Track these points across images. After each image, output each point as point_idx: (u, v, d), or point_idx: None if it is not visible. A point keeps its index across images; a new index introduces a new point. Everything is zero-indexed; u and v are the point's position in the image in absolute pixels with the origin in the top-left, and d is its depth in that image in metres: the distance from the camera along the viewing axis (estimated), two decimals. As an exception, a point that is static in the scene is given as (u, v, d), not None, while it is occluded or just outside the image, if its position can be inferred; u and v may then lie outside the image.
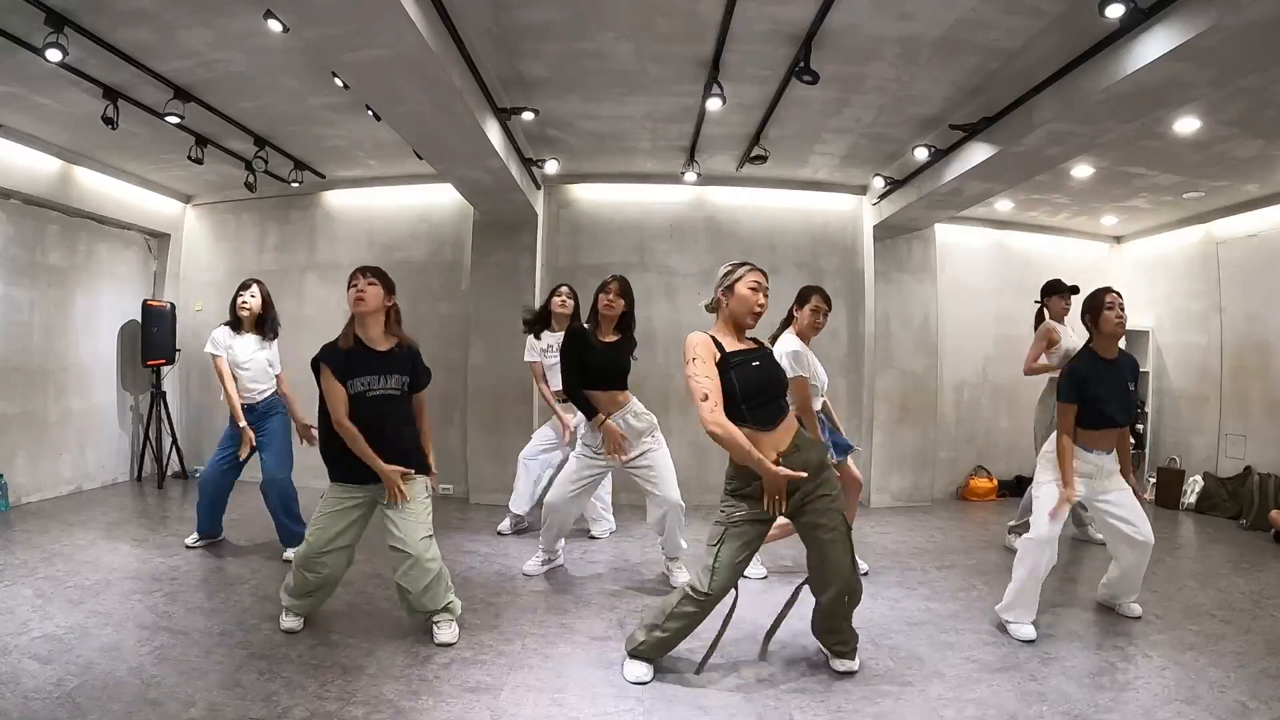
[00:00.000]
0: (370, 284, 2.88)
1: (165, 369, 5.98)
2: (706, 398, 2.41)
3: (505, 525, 4.64)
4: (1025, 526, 4.18)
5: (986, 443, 6.37)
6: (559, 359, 3.71)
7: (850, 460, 3.71)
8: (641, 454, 3.56)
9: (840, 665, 2.69)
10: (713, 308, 2.67)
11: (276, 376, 4.05)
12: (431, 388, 3.13)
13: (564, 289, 4.45)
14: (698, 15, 3.25)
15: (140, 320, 5.86)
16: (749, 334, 2.65)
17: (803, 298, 3.60)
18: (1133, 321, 6.33)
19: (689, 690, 2.51)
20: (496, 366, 5.52)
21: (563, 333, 3.80)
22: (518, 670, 2.62)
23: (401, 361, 2.95)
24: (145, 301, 5.93)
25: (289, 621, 2.95)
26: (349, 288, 2.89)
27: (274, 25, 3.07)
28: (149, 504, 5.18)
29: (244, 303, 3.95)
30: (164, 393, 5.94)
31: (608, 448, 3.54)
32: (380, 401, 2.87)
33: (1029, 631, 2.96)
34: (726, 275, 2.62)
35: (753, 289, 2.57)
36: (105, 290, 5.75)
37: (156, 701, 2.27)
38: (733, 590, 2.61)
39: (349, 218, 6.11)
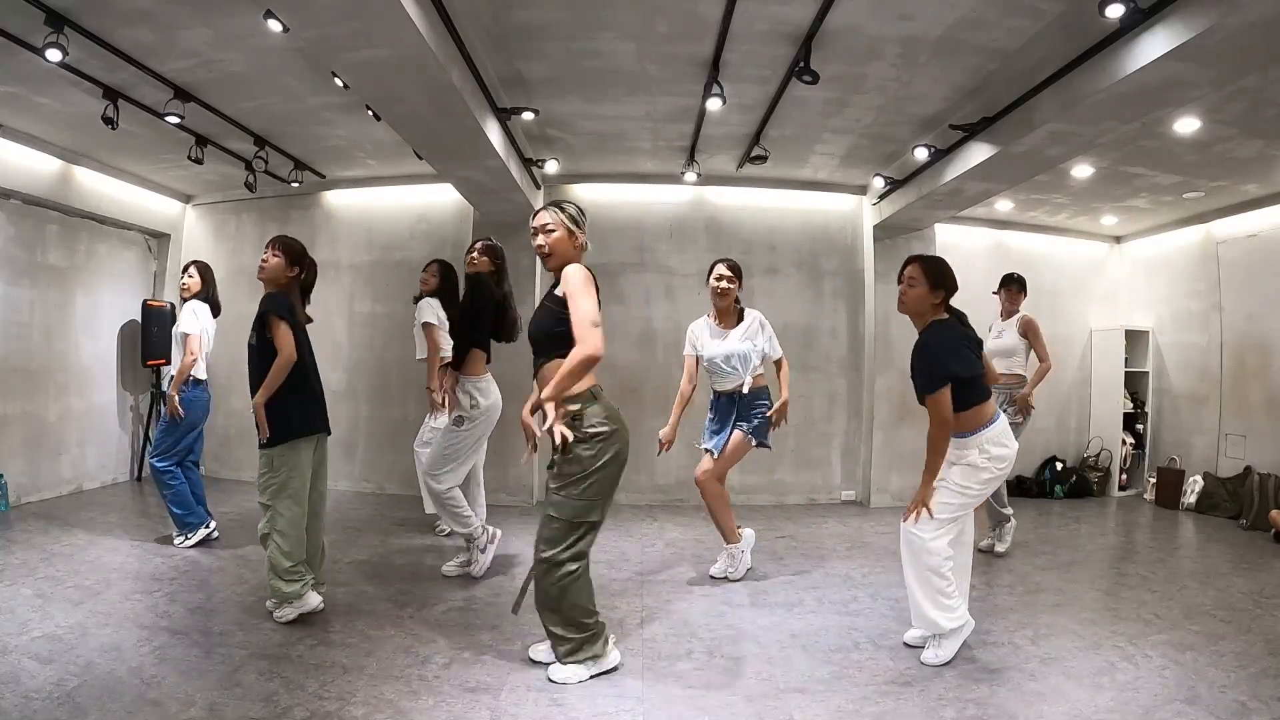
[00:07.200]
0: (274, 255, 3.06)
1: (165, 369, 5.97)
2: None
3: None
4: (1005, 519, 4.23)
5: (986, 443, 6.36)
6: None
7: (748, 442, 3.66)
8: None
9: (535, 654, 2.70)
10: None
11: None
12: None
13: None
14: (698, 15, 3.25)
15: (140, 320, 5.87)
16: None
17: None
18: (1133, 321, 6.43)
19: (689, 690, 2.51)
20: (496, 367, 5.49)
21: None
22: (518, 670, 2.62)
23: (257, 316, 3.01)
24: (145, 301, 5.94)
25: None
26: None
27: (274, 25, 3.06)
28: (149, 504, 5.18)
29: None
30: (164, 393, 5.92)
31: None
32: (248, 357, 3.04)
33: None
34: None
35: None
36: (105, 290, 5.74)
37: (156, 701, 2.27)
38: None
39: (349, 217, 6.11)
